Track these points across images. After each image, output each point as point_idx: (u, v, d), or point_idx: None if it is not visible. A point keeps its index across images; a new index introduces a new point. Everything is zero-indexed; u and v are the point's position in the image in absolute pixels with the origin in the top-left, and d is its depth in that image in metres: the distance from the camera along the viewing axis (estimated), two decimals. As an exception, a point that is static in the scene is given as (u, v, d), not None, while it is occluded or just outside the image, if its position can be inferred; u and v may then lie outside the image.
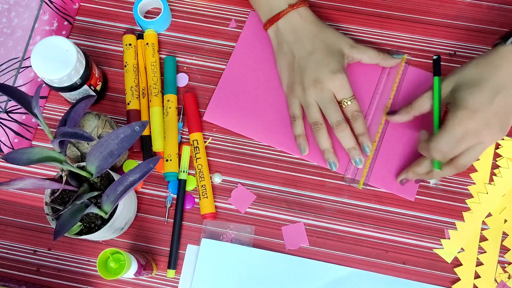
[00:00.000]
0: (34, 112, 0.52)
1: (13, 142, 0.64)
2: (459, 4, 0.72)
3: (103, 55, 0.70)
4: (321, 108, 0.62)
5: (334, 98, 0.62)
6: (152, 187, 0.65)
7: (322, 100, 0.61)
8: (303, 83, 0.62)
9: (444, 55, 0.69)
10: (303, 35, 0.63)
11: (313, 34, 0.63)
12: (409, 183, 0.63)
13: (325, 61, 0.62)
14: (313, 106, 0.61)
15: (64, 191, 0.57)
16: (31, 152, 0.51)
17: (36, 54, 0.58)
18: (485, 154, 0.65)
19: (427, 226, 0.63)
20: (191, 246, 0.63)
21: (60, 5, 0.67)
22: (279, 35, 0.65)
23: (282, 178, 0.65)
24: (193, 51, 0.70)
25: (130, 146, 0.53)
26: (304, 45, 0.63)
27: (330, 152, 0.62)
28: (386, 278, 0.61)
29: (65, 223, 0.51)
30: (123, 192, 0.52)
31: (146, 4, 0.70)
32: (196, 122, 0.66)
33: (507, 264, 0.62)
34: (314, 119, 0.62)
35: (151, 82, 0.67)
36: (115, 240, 0.64)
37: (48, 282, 0.63)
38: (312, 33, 0.63)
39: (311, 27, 0.64)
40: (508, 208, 0.63)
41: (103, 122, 0.61)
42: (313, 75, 0.61)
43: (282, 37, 0.64)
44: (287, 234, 0.63)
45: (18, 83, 0.62)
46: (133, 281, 0.62)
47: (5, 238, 0.64)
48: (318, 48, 0.62)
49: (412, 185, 0.63)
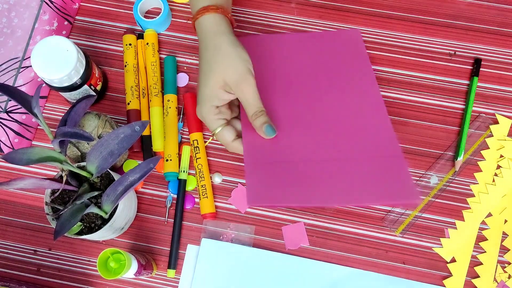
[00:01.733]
0: (34, 112, 0.52)
1: (13, 142, 0.64)
2: (459, 4, 0.72)
3: (103, 55, 0.70)
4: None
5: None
6: (152, 187, 0.65)
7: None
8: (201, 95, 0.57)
9: (444, 55, 0.69)
10: (204, 41, 0.56)
11: (209, 46, 0.55)
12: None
13: (201, 82, 0.55)
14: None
15: (64, 191, 0.57)
16: (31, 152, 0.51)
17: (36, 54, 0.58)
18: (490, 155, 0.65)
19: (427, 226, 0.63)
20: (191, 246, 0.63)
21: (60, 5, 0.67)
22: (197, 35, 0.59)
23: (282, 178, 0.65)
24: (193, 51, 0.70)
25: (130, 146, 0.53)
26: (200, 50, 0.57)
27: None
28: (386, 278, 0.61)
29: (65, 223, 0.51)
30: (123, 192, 0.52)
31: (146, 4, 0.70)
32: (196, 122, 0.66)
33: (507, 264, 0.62)
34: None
35: (151, 82, 0.67)
36: (115, 240, 0.64)
37: (48, 282, 0.63)
38: (208, 44, 0.55)
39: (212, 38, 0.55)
40: (509, 208, 0.63)
41: (103, 122, 0.61)
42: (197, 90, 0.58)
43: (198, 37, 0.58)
44: (287, 234, 0.63)
45: (18, 83, 0.62)
46: (133, 281, 0.62)
47: (6, 238, 0.64)
48: (203, 66, 0.55)
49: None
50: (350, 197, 0.54)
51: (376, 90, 0.64)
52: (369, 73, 0.65)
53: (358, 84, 0.64)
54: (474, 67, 0.69)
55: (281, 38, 0.69)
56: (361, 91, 0.64)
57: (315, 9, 0.71)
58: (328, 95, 0.63)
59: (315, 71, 0.66)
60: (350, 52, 0.68)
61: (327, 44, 0.68)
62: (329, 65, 0.66)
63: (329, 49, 0.68)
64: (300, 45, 0.69)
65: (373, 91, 0.64)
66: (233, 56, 0.53)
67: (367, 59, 0.67)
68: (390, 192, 0.54)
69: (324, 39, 0.69)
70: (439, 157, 0.65)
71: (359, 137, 0.59)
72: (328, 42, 0.69)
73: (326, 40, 0.69)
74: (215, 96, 0.54)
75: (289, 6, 0.72)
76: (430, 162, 0.65)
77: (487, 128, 0.66)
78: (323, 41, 0.69)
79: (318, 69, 0.66)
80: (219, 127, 0.56)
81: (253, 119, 0.55)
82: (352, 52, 0.68)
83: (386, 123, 0.60)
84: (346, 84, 0.64)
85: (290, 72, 0.66)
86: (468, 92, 0.68)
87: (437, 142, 0.66)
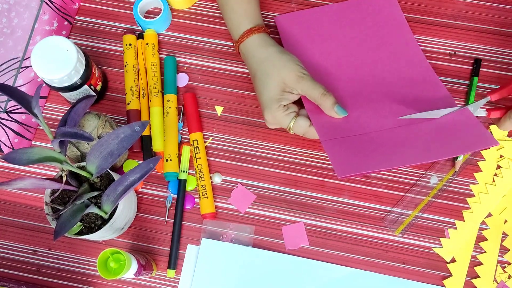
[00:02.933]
0: (34, 112, 0.52)
1: (13, 142, 0.64)
2: (459, 4, 0.72)
3: (103, 55, 0.70)
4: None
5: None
6: (152, 187, 0.65)
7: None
8: (260, 104, 0.61)
9: (444, 55, 0.69)
10: (253, 58, 0.62)
11: (260, 59, 0.61)
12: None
13: (261, 89, 0.60)
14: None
15: (64, 191, 0.57)
16: (31, 152, 0.51)
17: (36, 54, 0.58)
18: (490, 155, 0.65)
19: (427, 226, 0.63)
20: (191, 246, 0.63)
21: (60, 5, 0.67)
22: (243, 58, 0.64)
23: (282, 178, 0.65)
24: (193, 51, 0.70)
25: (130, 146, 0.53)
26: (250, 67, 0.62)
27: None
28: (386, 278, 0.61)
29: (65, 223, 0.51)
30: (123, 192, 0.52)
31: (146, 4, 0.70)
32: (196, 122, 0.66)
33: (507, 264, 0.62)
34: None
35: (151, 82, 0.67)
36: (115, 240, 0.64)
37: (48, 282, 0.63)
38: (259, 58, 0.61)
39: (261, 52, 0.61)
40: (509, 208, 0.63)
41: (103, 122, 0.61)
42: (258, 99, 0.61)
43: (243, 59, 0.64)
44: (287, 234, 0.63)
45: (18, 83, 0.62)
46: (133, 281, 0.62)
47: (5, 238, 0.64)
48: (258, 74, 0.60)
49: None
50: (430, 154, 0.56)
51: (417, 49, 0.67)
52: (407, 33, 0.68)
53: (400, 46, 0.67)
54: (474, 67, 0.69)
55: (321, 11, 0.70)
56: (405, 52, 0.67)
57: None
58: (377, 62, 0.66)
59: (359, 39, 0.68)
60: (388, 16, 0.69)
61: (366, 11, 0.70)
62: (371, 31, 0.68)
63: (369, 15, 0.69)
64: (340, 15, 0.70)
65: (414, 51, 0.67)
66: (284, 60, 0.60)
67: (404, 21, 0.69)
68: (467, 142, 0.56)
69: (361, 5, 0.70)
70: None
71: (414, 96, 0.63)
72: (366, 8, 0.70)
73: (364, 6, 0.70)
74: (280, 97, 0.59)
75: (289, 6, 0.72)
76: (430, 162, 0.65)
77: (487, 128, 0.66)
78: (361, 8, 0.70)
79: (362, 37, 0.68)
80: (292, 120, 0.59)
81: (321, 103, 0.59)
82: (389, 16, 0.69)
83: (434, 78, 0.64)
84: (390, 47, 0.67)
85: (336, 44, 0.68)
86: (468, 92, 0.68)
87: (437, 142, 0.66)
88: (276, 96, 0.59)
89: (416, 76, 0.65)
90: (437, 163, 0.65)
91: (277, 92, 0.59)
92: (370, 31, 0.68)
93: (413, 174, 0.65)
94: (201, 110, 0.68)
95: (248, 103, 0.68)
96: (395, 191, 0.65)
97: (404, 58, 0.66)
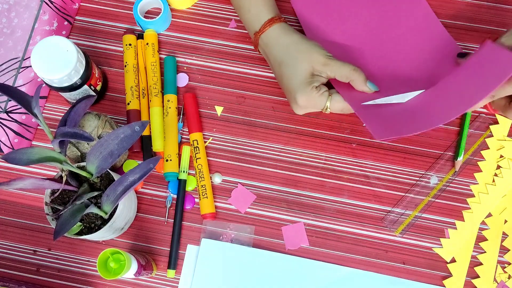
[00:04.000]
0: (34, 112, 0.52)
1: (13, 142, 0.64)
2: (459, 4, 0.72)
3: (103, 55, 0.70)
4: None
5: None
6: (152, 187, 0.65)
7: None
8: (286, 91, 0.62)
9: (444, 55, 0.69)
10: (276, 46, 0.62)
11: (285, 45, 0.62)
12: None
13: (289, 75, 0.60)
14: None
15: (64, 191, 0.57)
16: (31, 152, 0.51)
17: (36, 54, 0.58)
18: (490, 155, 0.65)
19: (427, 226, 0.63)
20: (191, 246, 0.63)
21: (60, 5, 0.67)
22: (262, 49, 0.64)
23: (282, 178, 0.65)
24: (193, 51, 0.70)
25: (130, 146, 0.53)
26: (275, 56, 0.62)
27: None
28: (386, 278, 0.61)
29: (65, 223, 0.51)
30: (123, 192, 0.52)
31: (146, 4, 0.70)
32: (196, 122, 0.66)
33: (507, 265, 0.62)
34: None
35: (151, 82, 0.67)
36: (115, 240, 0.64)
37: (48, 282, 0.63)
38: (284, 45, 0.62)
39: (285, 39, 0.62)
40: (509, 208, 0.63)
41: (103, 122, 0.61)
42: (286, 86, 0.61)
43: (263, 50, 0.64)
44: (287, 234, 0.63)
45: (18, 83, 0.62)
46: (133, 281, 0.62)
47: (5, 238, 0.64)
48: (285, 60, 0.61)
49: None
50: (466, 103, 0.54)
51: (435, 21, 0.68)
52: (424, 7, 0.69)
53: (419, 19, 0.68)
54: (474, 67, 0.69)
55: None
56: (424, 26, 0.68)
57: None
58: (399, 37, 0.68)
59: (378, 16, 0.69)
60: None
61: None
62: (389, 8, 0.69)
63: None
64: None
65: (433, 23, 0.68)
66: (309, 45, 0.61)
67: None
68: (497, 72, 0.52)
69: None
70: (439, 157, 0.66)
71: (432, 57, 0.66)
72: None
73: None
74: (311, 79, 0.59)
75: (289, 6, 0.72)
76: (430, 162, 0.66)
77: (487, 128, 0.66)
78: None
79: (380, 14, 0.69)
80: (328, 99, 0.59)
81: (353, 79, 0.59)
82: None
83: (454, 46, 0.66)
84: (409, 22, 0.68)
85: (356, 23, 0.69)
86: (468, 92, 0.68)
87: (437, 142, 0.66)
88: (307, 79, 0.59)
89: (436, 49, 0.66)
90: (437, 163, 0.65)
91: (307, 75, 0.59)
92: (388, 7, 0.69)
93: (413, 174, 0.65)
94: (201, 110, 0.68)
95: (248, 103, 0.68)
96: (395, 191, 0.65)
97: (424, 32, 0.67)
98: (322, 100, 0.59)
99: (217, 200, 0.65)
